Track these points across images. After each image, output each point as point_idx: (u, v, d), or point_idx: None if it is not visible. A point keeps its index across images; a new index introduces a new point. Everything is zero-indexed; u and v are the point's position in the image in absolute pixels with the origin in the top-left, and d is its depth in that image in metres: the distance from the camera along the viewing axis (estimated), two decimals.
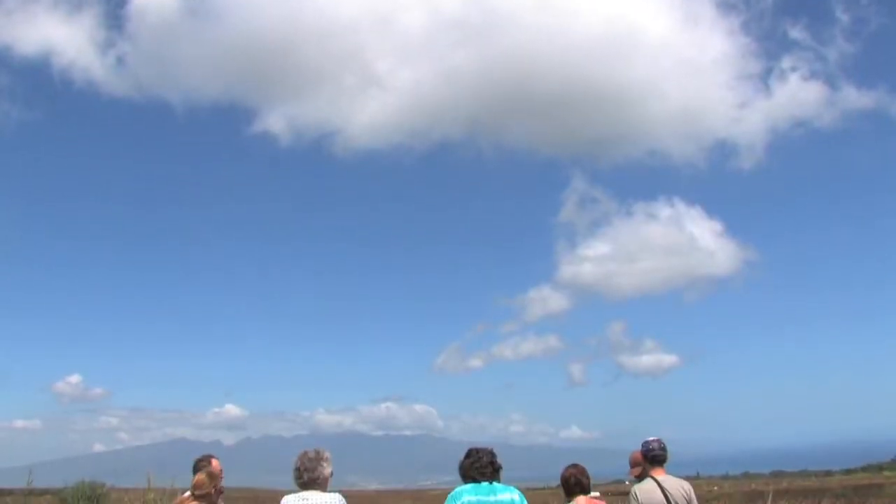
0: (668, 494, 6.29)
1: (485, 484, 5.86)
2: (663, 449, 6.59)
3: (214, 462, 7.12)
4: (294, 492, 5.75)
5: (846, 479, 73.51)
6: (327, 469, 5.79)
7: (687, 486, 6.50)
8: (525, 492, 6.15)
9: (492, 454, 6.05)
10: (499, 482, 5.96)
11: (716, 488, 55.71)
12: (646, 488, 6.41)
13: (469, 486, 5.86)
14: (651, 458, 6.61)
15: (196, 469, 6.50)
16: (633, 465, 8.01)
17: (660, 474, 6.50)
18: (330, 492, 5.77)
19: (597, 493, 6.90)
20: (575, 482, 6.59)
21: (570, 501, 6.54)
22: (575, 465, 6.73)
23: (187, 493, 6.08)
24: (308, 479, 5.71)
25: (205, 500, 5.92)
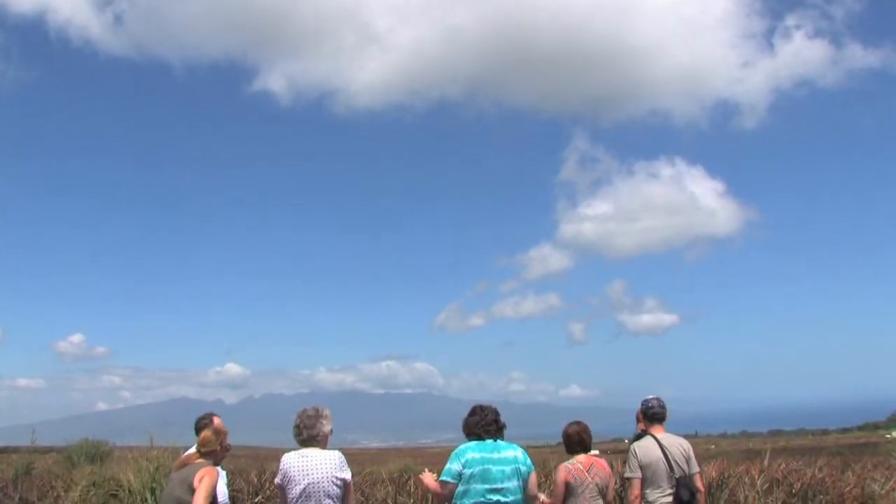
0: (667, 452, 6.30)
1: (489, 441, 5.87)
2: (662, 407, 6.60)
3: (216, 420, 7.12)
4: (295, 449, 5.75)
5: (842, 438, 74.33)
6: (327, 426, 5.79)
7: (685, 443, 6.51)
8: (525, 450, 6.17)
9: (496, 412, 6.06)
10: (503, 440, 5.97)
11: (713, 447, 56.29)
12: (645, 446, 6.42)
13: (473, 443, 5.87)
14: (650, 416, 6.62)
15: (198, 428, 6.50)
16: (638, 420, 8.01)
17: (659, 432, 6.52)
18: (330, 449, 5.78)
19: (596, 452, 6.93)
20: (577, 439, 6.60)
21: (570, 458, 6.56)
22: (577, 423, 6.73)
23: (192, 450, 6.08)
24: (308, 436, 5.71)
25: (211, 457, 5.93)
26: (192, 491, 5.57)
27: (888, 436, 68.70)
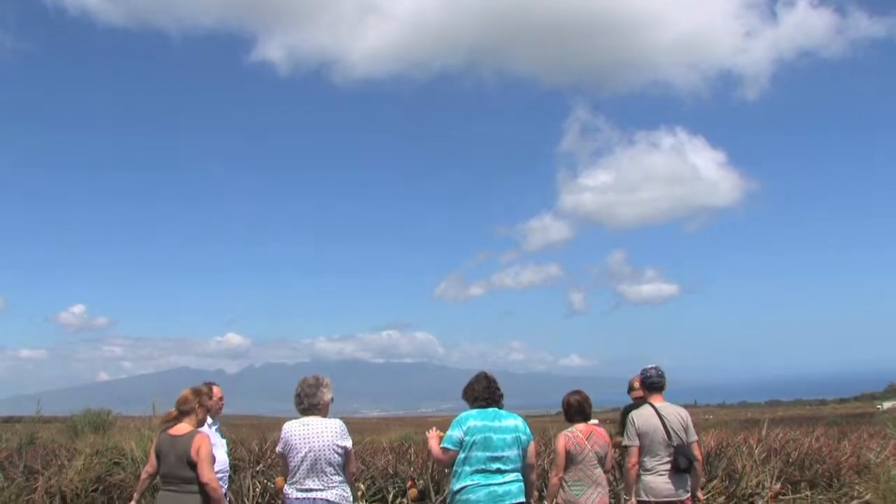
0: (666, 421, 6.34)
1: (490, 410, 5.92)
2: (661, 376, 6.63)
3: (216, 389, 7.16)
4: (296, 418, 5.79)
5: (839, 408, 74.90)
6: (327, 395, 5.83)
7: (684, 412, 6.55)
8: (525, 419, 6.21)
9: (496, 381, 6.10)
10: (503, 409, 6.02)
11: (710, 417, 56.64)
12: (643, 414, 6.46)
13: (474, 411, 5.91)
14: (649, 385, 6.65)
15: None
16: (632, 389, 8.05)
17: (658, 401, 6.55)
18: (330, 418, 5.82)
19: (595, 421, 6.98)
20: (577, 409, 6.63)
21: (570, 427, 6.61)
22: (578, 392, 6.77)
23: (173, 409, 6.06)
24: (308, 404, 5.75)
25: (190, 417, 5.88)
26: (193, 465, 5.60)
27: (879, 406, 69.25)
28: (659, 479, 6.21)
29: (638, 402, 7.85)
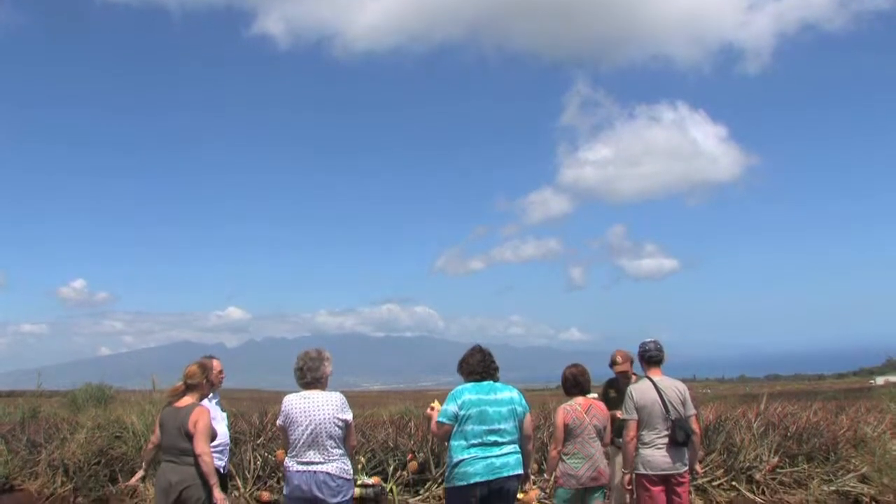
0: (664, 395, 6.36)
1: (485, 383, 5.93)
2: (659, 349, 6.64)
3: (216, 362, 7.19)
4: (295, 391, 5.81)
5: (837, 383, 75.21)
6: (329, 368, 5.85)
7: (682, 386, 6.57)
8: (524, 392, 6.23)
9: (491, 354, 6.10)
10: (498, 382, 6.03)
11: (708, 391, 56.77)
12: (641, 388, 6.48)
13: (469, 385, 5.93)
14: (647, 358, 6.66)
15: None
16: (614, 363, 7.99)
17: (656, 375, 6.57)
18: (329, 391, 5.84)
19: (595, 395, 7.00)
20: (574, 383, 6.66)
21: (569, 401, 6.63)
22: (576, 365, 6.79)
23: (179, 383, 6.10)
24: (312, 378, 5.77)
25: (196, 391, 5.94)
26: (189, 437, 5.65)
27: (872, 381, 69.58)
28: (657, 453, 6.25)
29: (620, 377, 7.87)
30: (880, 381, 69.33)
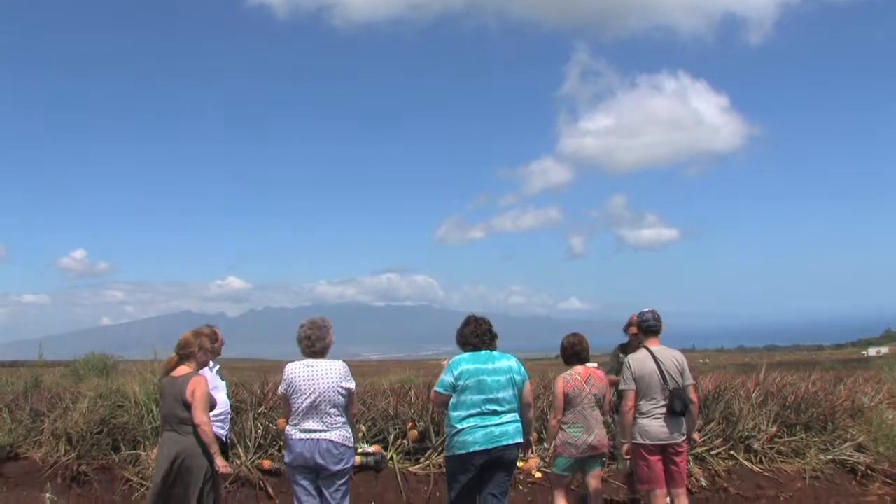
0: (661, 364, 6.38)
1: (483, 352, 5.95)
2: (657, 319, 6.66)
3: (216, 331, 7.18)
4: (297, 360, 5.84)
5: (836, 354, 75.60)
6: (332, 337, 5.89)
7: (680, 356, 6.59)
8: (524, 362, 6.26)
9: (489, 323, 6.12)
10: (496, 350, 6.05)
11: (707, 361, 57.01)
12: (639, 358, 6.50)
13: (467, 354, 5.95)
14: (645, 328, 6.68)
15: None
16: (631, 325, 8.01)
17: (654, 345, 6.59)
18: (331, 359, 5.87)
19: (595, 364, 7.03)
20: (573, 352, 6.70)
21: (568, 370, 6.67)
22: (574, 334, 6.83)
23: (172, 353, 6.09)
24: (320, 347, 5.79)
25: (191, 360, 5.93)
26: (187, 406, 5.67)
27: (864, 353, 70.02)
28: (655, 423, 6.29)
29: (633, 339, 7.86)
30: (872, 352, 69.85)
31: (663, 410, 6.30)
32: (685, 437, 6.51)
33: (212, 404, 5.91)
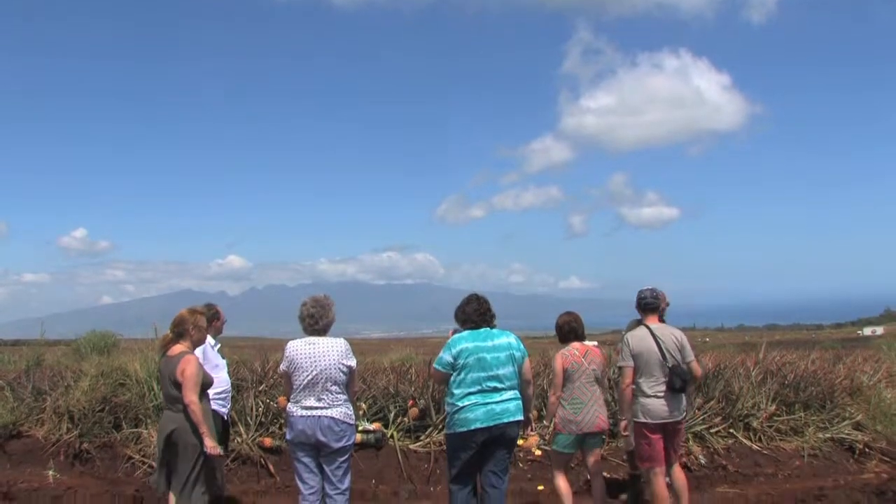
0: (660, 341, 6.40)
1: (482, 330, 5.97)
2: (655, 297, 6.67)
3: (217, 309, 7.20)
4: (298, 338, 5.85)
5: (836, 333, 75.83)
6: (334, 314, 5.91)
7: (679, 333, 6.61)
8: (525, 340, 6.28)
9: (487, 301, 6.13)
10: (495, 328, 6.07)
11: (708, 340, 57.08)
12: (638, 335, 6.52)
13: (466, 333, 5.97)
14: (643, 306, 6.69)
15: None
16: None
17: (653, 322, 6.61)
18: (332, 337, 5.88)
19: (595, 343, 7.06)
20: (569, 329, 6.75)
21: (566, 347, 6.70)
22: (569, 313, 6.89)
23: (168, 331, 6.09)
24: (323, 324, 5.81)
25: (184, 339, 5.92)
26: (178, 386, 5.69)
27: (860, 332, 70.27)
28: (656, 402, 6.30)
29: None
30: (867, 331, 70.13)
31: (663, 388, 6.32)
32: (685, 414, 6.54)
33: (208, 382, 5.92)
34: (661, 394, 6.30)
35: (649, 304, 6.65)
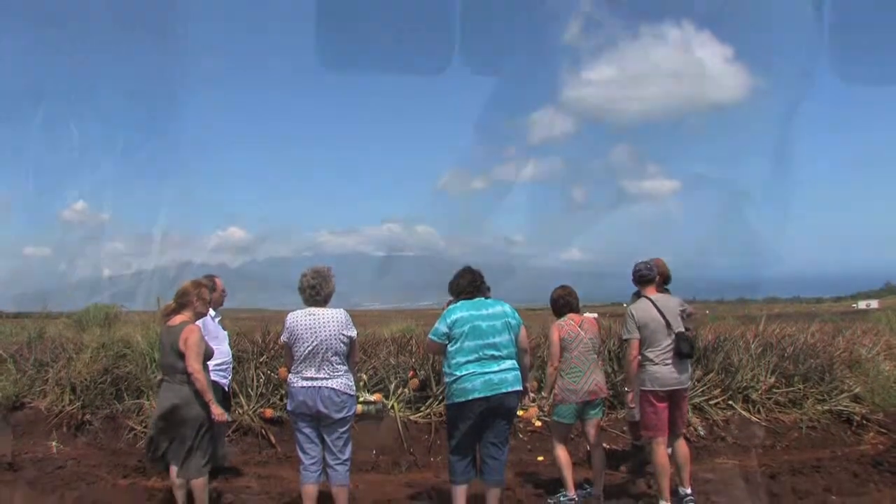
0: (663, 310, 6.42)
1: (476, 300, 5.97)
2: (650, 269, 6.67)
3: (218, 281, 7.21)
4: (299, 309, 5.85)
5: (835, 306, 75.87)
6: (334, 285, 5.91)
7: (677, 299, 6.66)
8: (525, 312, 6.28)
9: (481, 273, 6.13)
10: (489, 299, 6.07)
11: (708, 312, 57.10)
12: (640, 307, 6.53)
13: (460, 303, 5.97)
14: (639, 278, 6.71)
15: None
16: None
17: (651, 293, 6.62)
18: (332, 308, 5.89)
19: (594, 314, 7.08)
20: (563, 303, 6.77)
21: (562, 318, 6.72)
22: (563, 286, 6.91)
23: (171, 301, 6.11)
24: (325, 295, 5.81)
25: (187, 309, 5.95)
26: (181, 355, 5.70)
27: (854, 305, 70.40)
28: (665, 369, 6.31)
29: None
30: (862, 305, 70.27)
31: (670, 355, 6.33)
32: (690, 381, 6.58)
33: (209, 353, 5.94)
34: (669, 361, 6.32)
35: (644, 276, 6.67)
